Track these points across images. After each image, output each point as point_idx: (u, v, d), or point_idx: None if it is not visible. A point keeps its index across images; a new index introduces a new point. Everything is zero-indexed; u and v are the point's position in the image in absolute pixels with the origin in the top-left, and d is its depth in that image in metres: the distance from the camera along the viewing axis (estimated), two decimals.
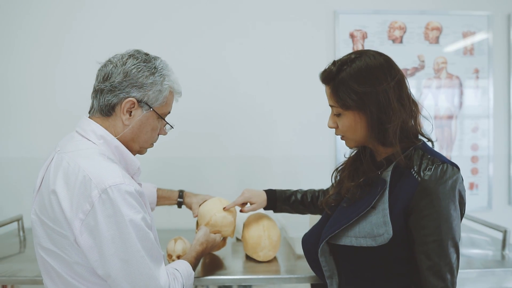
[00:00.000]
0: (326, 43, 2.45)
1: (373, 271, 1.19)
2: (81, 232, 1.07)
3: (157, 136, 1.37)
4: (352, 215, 1.19)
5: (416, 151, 1.18)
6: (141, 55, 1.27)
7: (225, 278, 1.58)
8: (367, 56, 1.19)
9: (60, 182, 1.10)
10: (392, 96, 1.14)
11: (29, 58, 2.41)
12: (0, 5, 2.39)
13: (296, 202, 1.68)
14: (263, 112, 2.45)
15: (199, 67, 2.36)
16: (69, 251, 1.11)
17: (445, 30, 2.46)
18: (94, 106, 1.26)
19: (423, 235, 1.09)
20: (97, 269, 1.10)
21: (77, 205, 1.07)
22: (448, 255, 1.08)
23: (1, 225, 2.07)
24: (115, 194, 1.07)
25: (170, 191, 1.85)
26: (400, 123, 1.15)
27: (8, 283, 1.61)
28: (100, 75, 1.25)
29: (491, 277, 1.66)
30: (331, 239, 1.23)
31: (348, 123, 1.21)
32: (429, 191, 1.09)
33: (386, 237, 1.11)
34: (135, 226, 1.09)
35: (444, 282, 1.07)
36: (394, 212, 1.13)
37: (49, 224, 1.12)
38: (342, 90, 1.17)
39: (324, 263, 1.28)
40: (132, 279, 1.10)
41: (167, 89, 1.29)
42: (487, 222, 1.97)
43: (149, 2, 2.40)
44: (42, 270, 1.23)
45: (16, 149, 2.43)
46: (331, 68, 1.22)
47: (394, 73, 1.17)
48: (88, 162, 1.12)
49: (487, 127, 2.50)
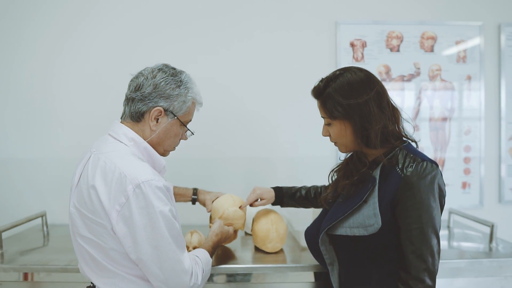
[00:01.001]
0: (328, 51, 2.60)
1: (366, 257, 1.35)
2: (117, 222, 1.22)
3: (179, 141, 1.52)
4: (347, 208, 1.36)
5: (401, 151, 1.33)
6: (169, 69, 1.42)
7: (238, 267, 1.74)
8: (349, 72, 1.36)
9: (98, 178, 1.25)
10: (372, 105, 1.30)
11: (53, 64, 2.55)
12: (26, 8, 2.53)
13: (301, 197, 1.84)
14: (268, 116, 2.59)
15: (208, 75, 2.48)
16: (106, 239, 1.26)
17: (439, 39, 2.60)
18: (125, 112, 1.42)
19: (407, 223, 1.25)
20: (130, 254, 1.25)
21: (114, 198, 1.22)
22: (429, 241, 1.23)
23: (27, 221, 2.21)
24: (147, 188, 1.22)
25: (185, 189, 2.00)
26: (381, 127, 1.31)
27: (41, 271, 1.76)
28: (132, 85, 1.41)
29: (478, 267, 1.81)
30: (329, 230, 1.39)
31: (337, 131, 1.38)
32: (411, 185, 1.24)
33: (376, 227, 1.27)
34: (164, 217, 1.24)
35: (426, 263, 1.23)
36: (382, 204, 1.29)
37: (88, 215, 1.27)
38: (329, 103, 1.35)
39: (324, 252, 1.44)
40: (161, 263, 1.25)
41: (190, 100, 1.45)
42: (476, 218, 2.12)
43: (157, 10, 2.55)
44: (79, 256, 1.38)
45: (40, 151, 2.57)
46: (320, 84, 1.40)
47: (373, 85, 1.33)
48: (123, 161, 1.27)
49: (478, 129, 2.64)
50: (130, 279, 1.30)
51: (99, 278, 1.32)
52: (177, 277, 1.29)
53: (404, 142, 1.38)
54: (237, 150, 2.60)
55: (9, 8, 2.53)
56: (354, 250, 1.38)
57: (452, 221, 2.40)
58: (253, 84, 2.59)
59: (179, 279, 1.29)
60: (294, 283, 1.76)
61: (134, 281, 1.31)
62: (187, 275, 1.31)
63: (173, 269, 1.27)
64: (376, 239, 1.30)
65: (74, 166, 2.44)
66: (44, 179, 2.58)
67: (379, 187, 1.32)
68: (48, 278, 1.77)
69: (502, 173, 2.67)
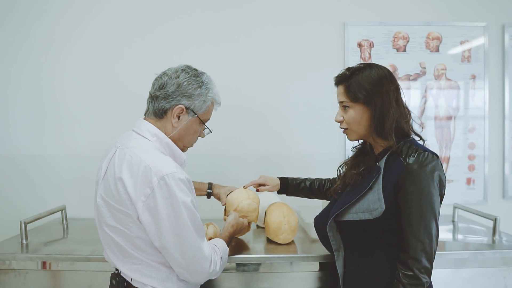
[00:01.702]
0: (337, 51, 2.68)
1: (370, 242, 1.45)
2: (143, 211, 1.31)
3: (197, 138, 1.62)
4: (354, 195, 1.46)
5: (405, 144, 1.43)
6: (191, 70, 1.51)
7: (252, 257, 1.83)
8: (375, 67, 1.47)
9: (125, 171, 1.34)
10: (392, 97, 1.42)
11: (72, 64, 2.66)
12: (37, 4, 2.64)
13: (305, 188, 1.97)
14: (279, 114, 2.68)
15: (219, 72, 2.51)
16: (132, 227, 1.35)
17: (444, 39, 2.68)
18: (149, 109, 1.51)
19: (408, 207, 1.35)
20: (154, 241, 1.34)
21: (140, 189, 1.30)
22: (428, 224, 1.33)
23: (49, 214, 2.30)
24: (170, 180, 1.30)
25: (200, 183, 2.08)
26: (395, 120, 1.42)
27: (65, 260, 1.86)
28: (156, 84, 1.50)
29: (481, 258, 1.89)
30: (337, 216, 1.49)
31: (354, 115, 1.47)
32: (413, 172, 1.34)
33: (380, 211, 1.37)
34: (186, 207, 1.33)
35: (423, 245, 1.32)
36: (386, 190, 1.39)
37: (115, 205, 1.36)
38: (354, 86, 1.44)
39: (332, 238, 1.54)
40: (182, 250, 1.34)
41: (210, 100, 1.54)
42: (480, 212, 2.20)
43: (164, 6, 2.65)
44: (105, 244, 1.47)
45: (60, 148, 2.67)
46: (345, 72, 1.50)
47: (394, 81, 1.46)
48: (147, 155, 1.36)
49: (483, 128, 2.72)
50: (153, 266, 1.39)
51: (124, 264, 1.41)
52: (197, 263, 1.37)
53: (409, 138, 1.48)
54: (248, 147, 2.69)
55: (19, 4, 2.63)
56: (359, 235, 1.48)
57: (457, 215, 2.48)
58: (265, 83, 2.68)
59: (199, 265, 1.38)
60: (303, 272, 1.85)
61: (157, 267, 1.39)
62: (206, 261, 1.39)
63: (194, 256, 1.36)
64: (379, 223, 1.39)
65: (93, 162, 2.57)
66: (63, 175, 2.68)
67: (383, 175, 1.42)
68: (72, 267, 1.87)
69: (506, 171, 2.74)
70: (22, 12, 2.64)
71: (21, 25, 2.65)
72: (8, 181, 2.68)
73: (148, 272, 1.39)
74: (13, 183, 2.68)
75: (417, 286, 1.32)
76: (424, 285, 1.33)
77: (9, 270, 1.89)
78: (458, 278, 1.91)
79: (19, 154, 2.67)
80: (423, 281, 1.32)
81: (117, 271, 1.47)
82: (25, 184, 2.68)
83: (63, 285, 1.90)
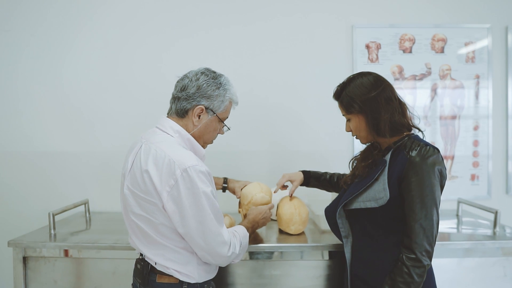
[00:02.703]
0: (345, 52, 2.79)
1: (376, 229, 1.58)
2: (168, 200, 1.43)
3: (216, 135, 1.73)
4: (362, 186, 1.59)
5: (409, 139, 1.57)
6: (210, 73, 1.63)
7: (265, 246, 1.95)
8: (360, 76, 1.63)
9: (151, 164, 1.46)
10: (380, 98, 1.56)
11: (93, 62, 2.79)
12: (78, 11, 2.79)
13: (325, 180, 2.09)
14: (290, 113, 2.79)
15: (233, 72, 2.63)
16: (157, 215, 1.47)
17: (449, 41, 2.78)
18: (172, 109, 1.63)
19: (410, 195, 1.46)
20: (178, 228, 1.46)
21: (165, 180, 1.43)
22: (429, 211, 1.44)
23: (74, 207, 2.45)
24: (192, 172, 1.43)
25: (216, 178, 2.19)
26: (389, 117, 1.55)
27: (92, 248, 2.00)
28: (178, 86, 1.63)
29: (482, 248, 2.00)
30: (346, 205, 1.63)
31: (355, 124, 1.64)
32: (415, 164, 1.47)
33: (384, 199, 1.50)
34: (206, 196, 1.45)
35: (425, 230, 1.44)
36: (391, 181, 1.52)
37: (141, 195, 1.48)
38: (345, 101, 1.62)
39: (341, 225, 1.67)
40: (204, 235, 1.46)
41: (228, 99, 1.66)
42: (481, 205, 2.30)
43: (181, 10, 2.78)
44: (131, 231, 1.59)
45: (83, 145, 2.81)
46: (338, 89, 1.68)
47: (380, 83, 1.59)
48: (171, 149, 1.48)
49: (487, 126, 2.81)
50: (176, 250, 1.51)
51: (149, 249, 1.53)
52: (218, 247, 1.49)
53: (413, 133, 1.62)
54: (261, 144, 2.81)
55: (64, 8, 2.79)
56: (366, 222, 1.61)
57: (461, 210, 2.57)
58: (277, 83, 2.79)
59: (220, 249, 1.50)
60: (314, 260, 1.97)
61: (179, 252, 1.51)
62: (226, 245, 1.51)
63: (215, 241, 1.48)
64: (385, 211, 1.52)
65: (113, 159, 2.71)
66: (86, 171, 2.82)
67: (388, 167, 1.55)
68: (97, 255, 2.01)
69: (510, 168, 2.83)
70: (46, 11, 2.79)
71: (43, 24, 2.79)
72: (36, 177, 2.82)
73: (171, 256, 1.51)
74: (40, 178, 2.82)
75: (419, 268, 1.43)
76: (426, 267, 1.44)
77: (39, 258, 2.04)
78: (461, 267, 2.03)
79: (46, 151, 2.82)
80: (424, 263, 1.43)
81: (141, 256, 1.59)
82: (51, 180, 2.82)
83: (89, 271, 2.04)
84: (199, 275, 1.54)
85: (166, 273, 1.52)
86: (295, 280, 1.98)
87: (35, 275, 2.05)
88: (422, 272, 1.44)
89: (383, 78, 1.63)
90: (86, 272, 2.04)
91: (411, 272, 1.43)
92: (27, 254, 2.03)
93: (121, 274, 2.01)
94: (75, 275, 2.05)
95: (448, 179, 2.80)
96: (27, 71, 2.80)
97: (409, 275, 1.44)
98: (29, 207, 2.80)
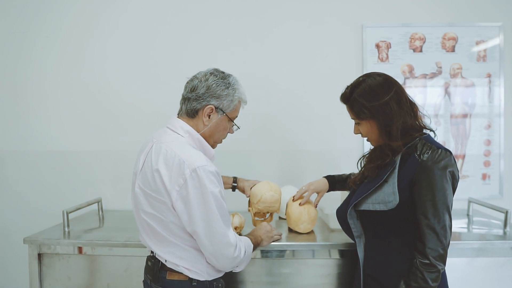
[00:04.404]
0: (355, 52, 2.79)
1: (387, 229, 1.58)
2: (177, 199, 1.46)
3: (226, 134, 1.76)
4: (370, 187, 1.59)
5: (420, 141, 1.53)
6: (219, 73, 1.66)
7: (274, 244, 1.96)
8: (369, 78, 1.58)
9: (161, 163, 1.48)
10: (392, 104, 1.52)
11: (106, 66, 2.84)
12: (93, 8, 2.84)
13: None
14: (300, 113, 2.80)
15: (244, 71, 2.59)
16: (166, 214, 1.49)
17: (460, 39, 2.76)
18: (182, 109, 1.66)
19: (422, 200, 1.45)
20: (187, 227, 1.48)
21: (174, 180, 1.45)
22: (441, 216, 1.44)
23: (87, 205, 2.50)
24: (201, 172, 1.45)
25: (226, 177, 2.22)
26: (401, 123, 1.52)
27: (104, 246, 2.04)
28: (188, 87, 1.65)
29: (491, 247, 2.00)
30: (356, 206, 1.63)
31: (366, 129, 1.61)
32: (427, 169, 1.45)
33: (394, 203, 1.49)
34: (214, 196, 1.47)
35: (438, 236, 1.44)
36: (401, 185, 1.50)
37: (151, 194, 1.51)
38: (356, 107, 1.58)
39: (352, 225, 1.67)
40: (210, 235, 1.48)
41: (237, 99, 1.68)
42: (492, 205, 2.29)
43: (193, 8, 2.81)
44: (141, 229, 1.62)
45: (96, 144, 2.86)
46: (346, 91, 1.63)
47: (392, 86, 1.55)
48: (181, 149, 1.51)
49: (498, 125, 2.78)
50: (185, 248, 1.53)
51: (159, 247, 1.56)
52: (223, 248, 1.50)
53: (424, 134, 1.58)
54: (271, 144, 2.82)
55: (78, 9, 2.85)
56: (377, 223, 1.60)
57: (472, 209, 2.57)
58: (286, 83, 2.81)
59: (225, 250, 1.51)
60: (323, 259, 1.98)
61: (189, 250, 1.54)
62: (231, 247, 1.52)
63: (221, 241, 1.50)
64: (395, 214, 1.51)
65: (126, 158, 2.74)
66: (99, 169, 2.87)
67: (399, 170, 1.53)
68: (110, 252, 2.05)
69: None
70: (60, 13, 2.85)
71: (57, 25, 2.85)
72: (51, 176, 2.89)
73: (180, 254, 1.53)
74: (55, 177, 2.89)
75: (433, 273, 1.44)
76: (440, 271, 1.45)
77: (54, 254, 2.09)
78: (472, 267, 2.03)
79: (61, 151, 2.88)
80: (438, 268, 1.44)
81: (152, 254, 1.62)
82: (65, 179, 2.88)
83: (101, 268, 2.08)
84: (208, 273, 1.57)
85: (176, 270, 1.54)
86: (305, 278, 2.00)
87: (49, 272, 2.10)
88: (436, 277, 1.45)
89: (393, 79, 1.60)
90: (99, 269, 2.09)
91: (426, 277, 1.44)
92: (42, 251, 2.08)
93: (133, 271, 2.05)
94: (88, 272, 2.09)
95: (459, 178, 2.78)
96: (42, 72, 2.86)
97: (424, 280, 1.44)
98: (44, 205, 2.87)
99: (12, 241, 2.83)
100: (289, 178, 2.78)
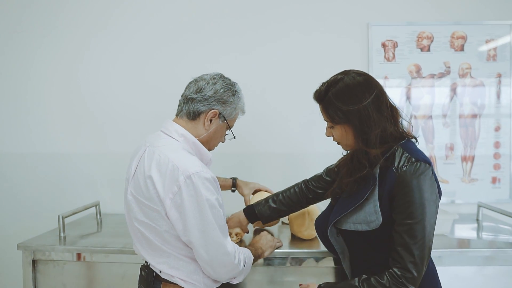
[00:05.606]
0: (361, 51, 2.72)
1: (372, 248, 1.46)
2: (170, 208, 1.38)
3: (219, 142, 1.69)
4: (350, 205, 1.45)
5: (398, 150, 1.40)
6: (227, 79, 1.60)
7: (277, 251, 1.89)
8: (348, 77, 1.41)
9: (154, 169, 1.41)
10: (372, 109, 1.36)
11: (104, 67, 2.79)
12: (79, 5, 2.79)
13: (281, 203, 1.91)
14: (301, 114, 2.73)
15: (244, 73, 2.64)
16: (160, 222, 1.42)
17: (469, 38, 2.67)
18: (183, 110, 1.57)
19: (400, 218, 1.34)
20: (182, 236, 1.41)
21: (168, 187, 1.38)
22: (418, 236, 1.32)
23: (84, 209, 2.45)
24: (196, 179, 1.37)
25: (225, 179, 2.18)
26: (380, 130, 1.37)
27: (100, 252, 1.98)
28: (192, 87, 1.57)
29: (503, 256, 1.91)
30: (336, 224, 1.50)
31: (339, 134, 1.46)
32: (405, 184, 1.33)
33: (377, 223, 1.38)
34: (210, 205, 1.39)
35: (413, 257, 1.32)
36: (382, 201, 1.39)
37: (144, 202, 1.43)
38: (330, 109, 1.42)
39: (334, 243, 1.55)
40: (206, 245, 1.40)
41: (239, 108, 1.63)
42: (503, 210, 2.21)
43: (196, 10, 2.75)
44: (135, 238, 1.55)
45: (93, 147, 2.81)
46: (321, 88, 1.46)
47: (372, 89, 1.39)
48: (175, 154, 1.43)
49: (508, 126, 2.69)
50: (180, 258, 1.46)
51: (153, 257, 1.49)
52: (220, 258, 1.43)
53: (403, 140, 1.44)
54: (272, 146, 2.76)
55: (77, 10, 2.80)
56: (361, 242, 1.48)
57: (481, 214, 2.48)
58: (289, 85, 2.74)
59: (222, 260, 1.44)
60: (326, 267, 1.91)
61: (184, 260, 1.46)
62: (229, 256, 1.45)
63: (217, 251, 1.42)
64: (379, 232, 1.40)
65: (124, 161, 2.66)
66: (97, 173, 2.82)
67: (378, 185, 1.41)
68: (106, 259, 1.98)
69: None
70: (58, 13, 2.80)
71: (55, 26, 2.80)
72: (47, 179, 2.83)
73: (175, 264, 1.46)
74: (51, 180, 2.83)
75: None
76: None
77: (48, 261, 2.02)
78: (481, 276, 1.94)
79: (57, 153, 2.82)
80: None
81: (146, 263, 1.55)
82: (62, 182, 2.83)
83: (98, 275, 2.02)
84: (205, 284, 1.50)
85: (171, 281, 1.47)
86: None
87: (44, 279, 2.03)
88: None
89: (374, 81, 1.43)
90: (95, 276, 2.02)
91: None
92: (36, 257, 2.02)
93: (130, 278, 1.98)
94: (84, 279, 2.03)
95: (468, 181, 2.71)
96: (39, 72, 2.81)
97: None
98: (39, 209, 2.81)
99: (7, 246, 2.75)
100: (290, 179, 2.68)
